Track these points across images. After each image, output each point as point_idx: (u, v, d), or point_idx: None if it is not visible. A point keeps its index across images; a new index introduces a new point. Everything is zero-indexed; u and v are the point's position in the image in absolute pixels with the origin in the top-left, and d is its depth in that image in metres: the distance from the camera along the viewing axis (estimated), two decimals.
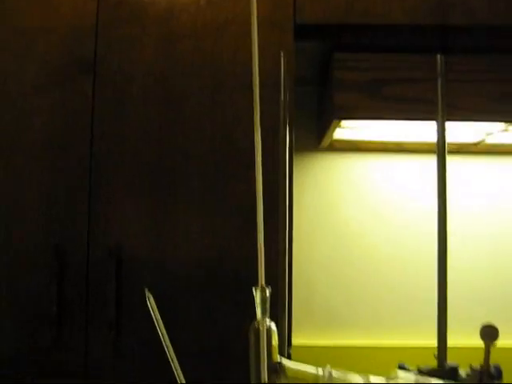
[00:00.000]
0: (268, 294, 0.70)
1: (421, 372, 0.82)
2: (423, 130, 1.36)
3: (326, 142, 1.45)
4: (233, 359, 1.06)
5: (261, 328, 0.70)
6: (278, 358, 0.70)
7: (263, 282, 0.70)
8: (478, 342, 0.81)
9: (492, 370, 0.82)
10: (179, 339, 0.74)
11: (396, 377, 0.70)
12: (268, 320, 0.71)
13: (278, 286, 1.08)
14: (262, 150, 0.70)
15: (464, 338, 1.27)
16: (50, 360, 1.10)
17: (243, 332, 0.71)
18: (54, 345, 1.09)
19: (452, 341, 0.91)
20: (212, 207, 1.12)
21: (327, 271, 1.43)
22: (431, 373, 0.85)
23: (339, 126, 1.31)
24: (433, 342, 0.92)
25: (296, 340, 1.23)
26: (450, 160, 0.95)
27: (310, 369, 0.71)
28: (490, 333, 0.82)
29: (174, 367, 0.70)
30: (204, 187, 1.13)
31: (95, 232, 1.11)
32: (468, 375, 0.85)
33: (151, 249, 1.11)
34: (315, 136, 1.51)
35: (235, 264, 1.11)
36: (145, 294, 0.74)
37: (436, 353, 0.95)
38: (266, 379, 0.69)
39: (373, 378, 0.70)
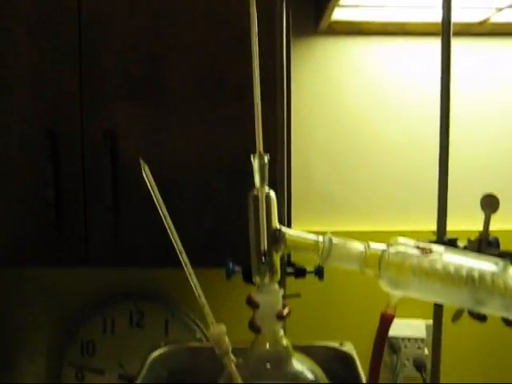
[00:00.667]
0: (266, 161, 0.69)
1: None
2: (427, 10, 1.30)
3: (324, 24, 1.38)
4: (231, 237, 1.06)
5: (259, 195, 0.69)
6: (277, 224, 0.70)
7: (261, 149, 0.69)
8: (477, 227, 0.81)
9: (491, 238, 0.82)
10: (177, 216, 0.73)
11: (396, 243, 0.69)
12: (267, 187, 0.70)
13: (277, 169, 1.06)
14: (259, 34, 0.67)
15: (464, 224, 1.28)
16: (50, 248, 1.11)
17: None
18: (53, 233, 1.09)
19: (451, 227, 0.90)
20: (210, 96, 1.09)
21: (327, 157, 1.41)
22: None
23: (338, 5, 1.25)
24: (432, 227, 0.92)
25: (294, 227, 1.23)
26: (454, 43, 0.90)
27: (310, 236, 0.70)
28: (490, 202, 0.81)
29: (172, 237, 0.70)
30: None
31: (88, 117, 1.08)
32: (466, 246, 0.86)
33: (146, 134, 1.09)
34: (313, 19, 1.44)
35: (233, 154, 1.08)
36: (141, 174, 0.72)
37: (435, 229, 0.95)
38: (266, 247, 0.69)
39: (373, 244, 0.70)
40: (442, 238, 0.88)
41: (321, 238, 0.69)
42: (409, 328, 1.42)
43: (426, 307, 0.85)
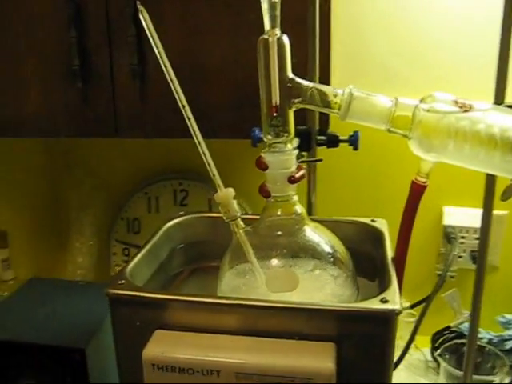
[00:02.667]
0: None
1: None
2: None
3: None
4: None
5: (270, 38, 0.59)
6: (290, 74, 0.60)
7: None
8: None
9: None
10: None
11: (432, 98, 0.59)
12: (279, 31, 0.60)
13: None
14: None
15: None
16: (79, 118, 1.05)
17: None
18: (81, 102, 1.03)
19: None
20: None
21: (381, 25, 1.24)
22: None
23: None
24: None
25: None
26: None
27: (327, 88, 0.60)
28: None
29: (180, 103, 0.62)
30: None
31: None
32: None
33: None
34: None
35: None
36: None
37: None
38: (278, 100, 0.60)
39: (403, 99, 0.60)
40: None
41: (340, 91, 0.59)
42: (467, 217, 1.30)
43: None
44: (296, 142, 0.64)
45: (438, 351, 1.07)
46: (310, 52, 0.81)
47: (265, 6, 0.58)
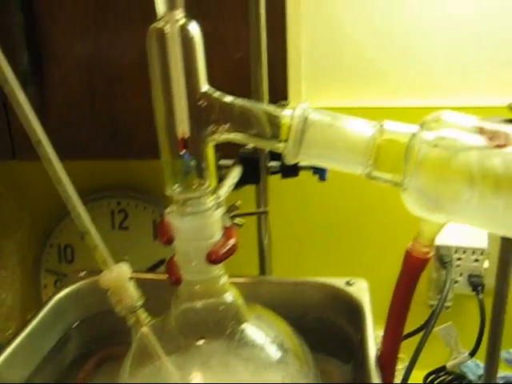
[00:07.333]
0: None
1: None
2: None
3: None
4: None
5: (167, 28, 0.35)
6: (204, 86, 0.36)
7: None
8: None
9: None
10: None
11: (437, 121, 0.35)
12: (182, 15, 0.36)
13: None
14: None
15: None
16: None
17: None
18: None
19: None
20: None
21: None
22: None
23: None
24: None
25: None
26: None
27: (267, 107, 0.37)
28: None
29: None
30: None
31: None
32: None
33: None
34: None
35: None
36: None
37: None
38: (187, 130, 0.36)
39: (390, 124, 0.36)
40: None
41: (288, 112, 0.35)
42: (464, 235, 1.10)
43: None
44: (225, 191, 0.41)
45: None
46: (252, 44, 0.57)
47: None
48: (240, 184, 0.55)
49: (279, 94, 0.71)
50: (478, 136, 0.34)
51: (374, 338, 0.49)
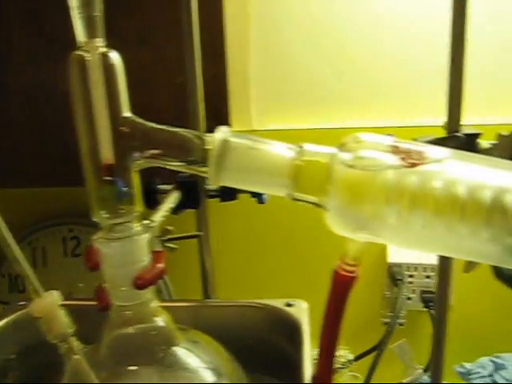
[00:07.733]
0: None
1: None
2: None
3: None
4: None
5: (88, 55, 0.35)
6: (126, 111, 0.37)
7: None
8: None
9: None
10: None
11: (356, 142, 0.36)
12: (101, 42, 0.36)
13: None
14: None
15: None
16: None
17: None
18: None
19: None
20: None
21: (298, 30, 1.03)
22: (437, 142, 0.52)
23: None
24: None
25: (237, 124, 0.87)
26: None
27: (187, 134, 0.37)
28: None
29: None
30: None
31: None
32: (493, 145, 0.52)
33: None
34: None
35: None
36: None
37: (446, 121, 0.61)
38: (111, 156, 0.37)
39: (310, 147, 0.37)
40: (455, 130, 0.54)
41: (208, 136, 0.36)
42: (415, 252, 1.13)
43: None
44: (161, 216, 0.41)
45: None
46: (188, 69, 0.57)
47: (73, 4, 0.34)
48: (180, 208, 0.55)
49: (222, 119, 0.72)
50: (394, 156, 0.36)
51: (311, 357, 0.49)
